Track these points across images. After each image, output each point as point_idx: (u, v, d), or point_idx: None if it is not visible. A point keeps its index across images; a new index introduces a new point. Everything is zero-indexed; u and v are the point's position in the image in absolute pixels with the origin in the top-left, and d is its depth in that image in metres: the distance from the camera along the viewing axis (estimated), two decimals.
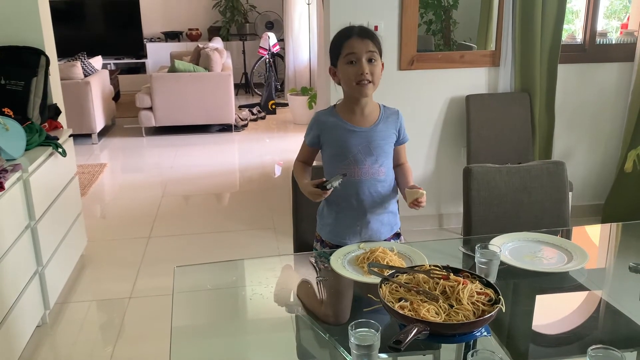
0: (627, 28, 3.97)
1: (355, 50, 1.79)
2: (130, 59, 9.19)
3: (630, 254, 2.06)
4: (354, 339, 1.24)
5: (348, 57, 1.80)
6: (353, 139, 1.87)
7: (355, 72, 1.79)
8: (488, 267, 1.60)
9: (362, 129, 1.88)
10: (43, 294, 2.76)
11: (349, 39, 1.80)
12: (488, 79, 3.63)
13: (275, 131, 6.84)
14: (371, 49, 1.80)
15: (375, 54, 1.81)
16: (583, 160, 3.91)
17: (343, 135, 1.88)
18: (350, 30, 1.82)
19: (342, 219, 1.92)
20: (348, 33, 1.82)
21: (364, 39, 1.79)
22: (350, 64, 1.80)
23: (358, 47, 1.79)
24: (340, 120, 1.90)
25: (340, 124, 1.89)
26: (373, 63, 1.80)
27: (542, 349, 1.50)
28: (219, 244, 3.75)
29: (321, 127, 1.91)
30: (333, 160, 1.91)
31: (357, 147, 1.87)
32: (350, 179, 1.88)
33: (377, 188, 1.90)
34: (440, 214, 3.88)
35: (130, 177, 5.33)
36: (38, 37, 3.21)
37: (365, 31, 1.82)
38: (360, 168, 1.87)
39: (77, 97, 5.92)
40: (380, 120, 1.90)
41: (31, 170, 2.65)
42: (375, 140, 1.88)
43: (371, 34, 1.83)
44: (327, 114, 1.93)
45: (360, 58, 1.79)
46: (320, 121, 1.92)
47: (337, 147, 1.89)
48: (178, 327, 1.52)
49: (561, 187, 2.20)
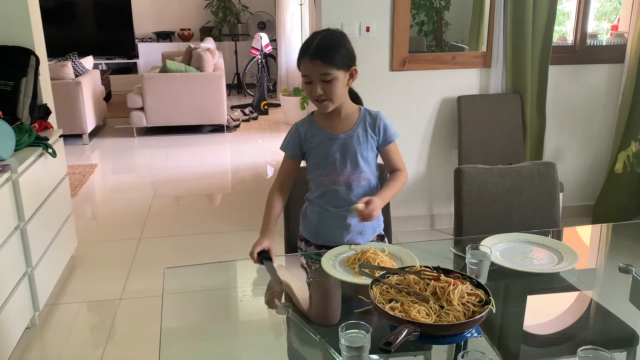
0: (617, 30, 3.99)
1: (308, 73, 1.74)
2: (122, 59, 9.15)
3: (620, 254, 2.07)
4: (344, 340, 1.24)
5: (303, 77, 1.76)
6: (331, 147, 1.86)
7: (310, 92, 1.77)
8: (479, 268, 1.60)
9: (338, 136, 1.86)
10: (32, 296, 2.74)
11: (302, 58, 1.74)
12: (479, 80, 3.64)
13: (268, 132, 6.83)
14: (323, 72, 1.71)
15: (328, 75, 1.72)
16: (574, 161, 3.92)
17: (322, 143, 1.87)
18: (305, 49, 1.74)
19: (324, 221, 1.92)
20: (302, 51, 1.74)
21: (314, 61, 1.71)
22: (306, 83, 1.76)
23: (310, 69, 1.73)
24: (318, 128, 1.88)
25: (319, 132, 1.87)
26: (329, 82, 1.73)
27: (533, 350, 1.50)
28: (210, 245, 3.74)
29: (301, 137, 1.89)
30: (314, 168, 1.90)
31: (335, 154, 1.86)
32: (331, 186, 1.88)
33: (358, 193, 1.88)
34: (432, 215, 3.89)
35: (121, 178, 5.31)
36: (28, 37, 3.19)
37: (317, 52, 1.71)
38: (340, 175, 1.86)
39: (68, 97, 5.88)
40: (358, 125, 1.87)
41: (20, 171, 2.63)
42: (352, 146, 1.86)
43: (323, 53, 1.71)
44: (305, 123, 1.91)
45: (313, 80, 1.74)
46: (300, 131, 1.90)
47: (317, 155, 1.88)
48: (168, 328, 1.51)
49: (552, 188, 2.21)
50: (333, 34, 1.78)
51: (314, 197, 1.94)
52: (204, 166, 5.50)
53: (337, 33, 1.80)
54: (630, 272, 1.73)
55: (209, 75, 6.44)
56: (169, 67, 6.37)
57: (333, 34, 1.79)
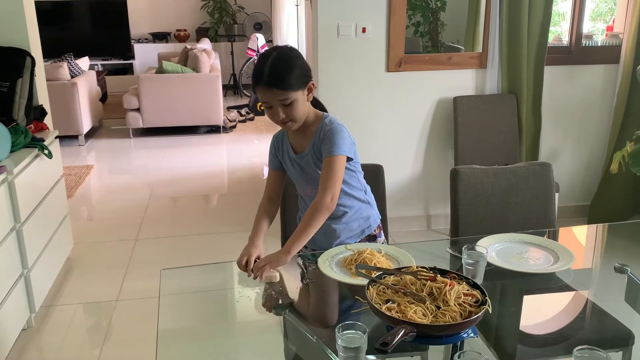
0: (612, 30, 4.01)
1: (266, 100, 1.72)
2: (118, 60, 9.14)
3: (616, 254, 2.07)
4: (341, 341, 1.24)
5: (263, 103, 1.74)
6: (291, 166, 1.89)
7: (272, 116, 1.75)
8: (475, 268, 1.61)
9: (295, 157, 1.87)
10: (28, 297, 2.73)
11: (257, 86, 1.71)
12: (475, 80, 3.65)
13: (264, 132, 6.83)
14: (281, 98, 1.69)
15: (287, 99, 1.69)
16: (569, 162, 3.94)
17: (286, 161, 1.91)
18: (258, 77, 1.69)
19: None
20: (256, 79, 1.70)
21: (270, 89, 1.68)
22: (267, 109, 1.75)
23: (267, 97, 1.71)
24: (286, 142, 1.90)
25: (286, 148, 1.90)
26: (289, 105, 1.71)
27: (529, 350, 1.50)
28: (207, 246, 3.74)
29: (276, 150, 1.92)
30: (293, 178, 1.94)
31: (295, 173, 1.89)
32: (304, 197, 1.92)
33: None
34: (429, 215, 3.90)
35: (118, 179, 5.30)
36: (23, 37, 3.19)
37: (271, 80, 1.67)
38: (309, 190, 1.88)
39: (64, 98, 5.87)
40: (312, 143, 1.82)
41: (16, 172, 2.62)
42: (307, 166, 1.85)
43: (278, 79, 1.67)
44: (278, 136, 1.93)
45: (273, 105, 1.72)
46: (275, 145, 1.93)
47: (287, 171, 1.93)
48: (165, 329, 1.51)
49: (547, 188, 2.22)
50: (281, 56, 1.72)
51: (301, 206, 1.99)
52: (200, 167, 5.49)
53: (285, 53, 1.74)
54: (626, 272, 1.74)
55: (205, 76, 6.44)
56: (165, 68, 6.36)
57: (281, 56, 1.72)
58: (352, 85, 3.51)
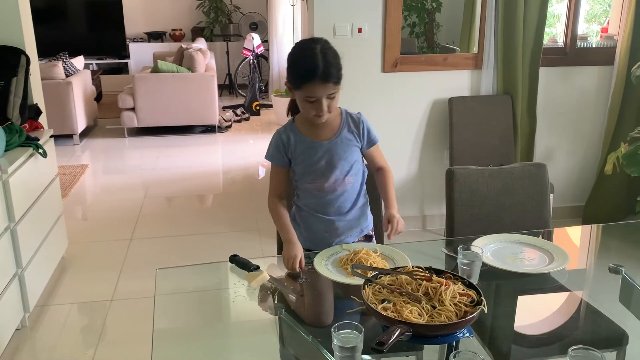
0: (607, 32, 4.02)
1: (315, 95, 1.70)
2: (113, 59, 9.11)
3: (610, 255, 2.08)
4: (337, 341, 1.24)
5: (308, 97, 1.71)
6: (315, 154, 1.85)
7: (313, 110, 1.73)
8: (470, 269, 1.61)
9: (322, 143, 1.85)
10: (22, 297, 2.72)
11: (310, 81, 1.67)
12: (471, 81, 3.65)
13: (259, 132, 6.82)
14: (332, 91, 1.70)
15: (335, 92, 1.71)
16: (564, 163, 3.95)
17: (306, 151, 1.85)
18: (312, 71, 1.66)
19: (312, 226, 1.92)
20: (310, 74, 1.66)
21: (326, 84, 1.68)
22: (309, 102, 1.72)
23: (320, 91, 1.69)
24: (300, 136, 1.86)
25: (301, 140, 1.85)
26: (332, 98, 1.73)
27: (524, 350, 1.51)
28: (202, 246, 3.73)
29: (285, 145, 1.87)
30: (299, 175, 1.89)
31: (320, 162, 1.85)
32: (316, 192, 1.88)
33: (344, 197, 1.89)
34: (424, 215, 3.90)
35: (112, 179, 5.28)
36: (18, 36, 3.17)
37: (328, 73, 1.67)
38: (325, 182, 1.86)
39: (59, 97, 5.85)
40: (341, 130, 1.86)
41: (11, 171, 2.61)
42: (337, 152, 1.85)
43: (334, 73, 1.68)
44: (287, 130, 1.87)
45: (320, 99, 1.71)
46: (282, 140, 1.86)
47: (303, 163, 1.86)
48: (160, 329, 1.51)
49: (542, 188, 2.23)
50: (330, 49, 1.71)
51: (301, 203, 1.95)
52: (196, 167, 5.48)
53: (329, 45, 1.74)
54: (620, 273, 1.74)
55: (201, 75, 6.43)
56: (160, 67, 6.34)
57: (329, 48, 1.72)
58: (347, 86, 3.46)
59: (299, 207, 1.96)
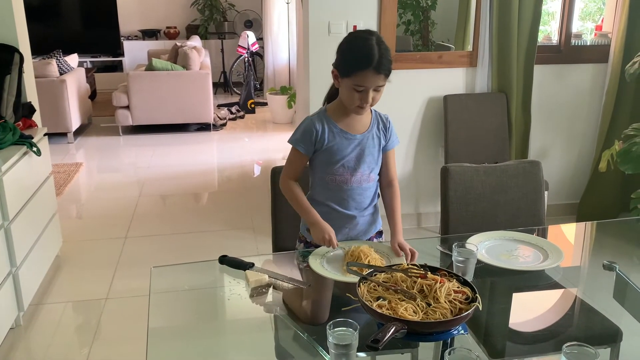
0: (601, 30, 4.03)
1: (365, 84, 1.70)
2: (107, 57, 9.08)
3: (604, 252, 2.09)
4: (332, 339, 1.24)
5: (356, 86, 1.71)
6: (348, 146, 1.83)
7: (359, 99, 1.73)
8: (465, 266, 1.61)
9: (355, 136, 1.84)
10: (17, 296, 2.71)
11: (363, 70, 1.67)
12: (465, 79, 3.66)
13: (255, 130, 6.82)
14: (381, 83, 1.72)
15: (383, 86, 1.73)
16: (558, 160, 3.96)
17: (338, 142, 1.83)
18: (367, 61, 1.67)
19: (332, 222, 1.86)
20: (365, 62, 1.67)
21: (378, 75, 1.68)
22: (356, 91, 1.72)
23: (370, 81, 1.69)
24: (334, 125, 1.83)
25: (334, 130, 1.83)
26: (379, 90, 1.74)
27: (519, 347, 1.51)
28: (197, 244, 3.73)
29: (317, 133, 1.82)
30: (324, 166, 1.86)
31: (351, 154, 1.84)
32: (341, 185, 1.86)
33: (366, 192, 1.90)
34: (419, 213, 3.91)
35: (107, 177, 5.27)
36: (11, 34, 3.16)
37: (382, 65, 1.68)
38: (353, 175, 1.86)
39: (53, 95, 5.83)
40: (373, 126, 1.88)
41: (4, 170, 2.60)
42: (368, 147, 1.86)
43: (386, 65, 1.69)
44: (320, 119, 1.84)
45: (368, 90, 1.71)
46: (316, 127, 1.82)
47: (331, 154, 1.84)
48: (155, 328, 1.51)
49: (537, 186, 2.23)
50: (383, 41, 1.73)
51: (321, 198, 1.90)
52: (190, 165, 5.47)
53: (382, 37, 1.75)
54: (614, 270, 1.75)
55: (195, 73, 6.41)
56: (155, 65, 6.33)
57: (383, 40, 1.73)
58: None
59: (316, 202, 1.90)
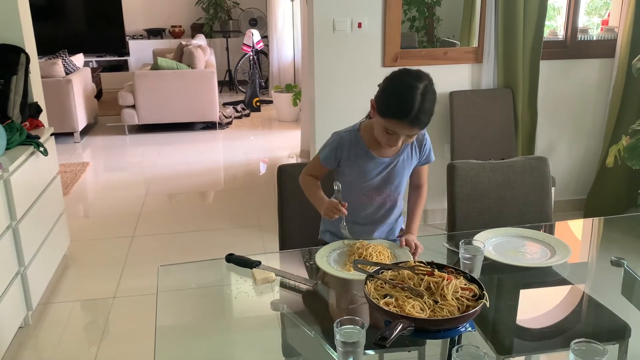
0: (607, 24, 4.01)
1: (397, 131, 1.66)
2: (113, 57, 9.10)
3: (612, 247, 2.08)
4: (339, 336, 1.24)
5: (388, 130, 1.67)
6: (375, 169, 1.83)
7: (388, 140, 1.70)
8: (472, 263, 1.61)
9: (383, 160, 1.83)
10: (25, 295, 2.73)
11: (400, 120, 1.63)
12: (471, 75, 3.65)
13: (260, 129, 6.82)
14: (415, 133, 1.70)
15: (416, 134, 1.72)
16: (565, 156, 3.94)
17: (365, 163, 1.82)
18: (406, 111, 1.61)
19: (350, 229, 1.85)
20: (402, 114, 1.62)
21: (412, 128, 1.65)
22: (388, 134, 1.68)
23: (403, 130, 1.66)
24: (363, 146, 1.81)
25: (363, 151, 1.81)
26: (411, 137, 1.73)
27: (526, 343, 1.51)
28: (204, 243, 3.73)
29: (343, 150, 1.82)
30: (351, 184, 1.84)
31: (378, 176, 1.84)
32: (366, 204, 1.88)
33: (389, 208, 1.92)
34: (425, 210, 3.89)
35: (113, 176, 5.28)
36: (17, 34, 3.17)
37: (418, 120, 1.62)
38: (379, 195, 1.87)
39: (59, 95, 5.85)
40: (404, 148, 1.85)
41: (12, 170, 2.61)
42: (396, 170, 1.85)
43: (424, 121, 1.63)
44: (351, 136, 1.82)
45: (400, 136, 1.68)
46: (344, 144, 1.81)
47: (358, 173, 1.84)
48: (162, 326, 1.51)
49: (544, 182, 2.22)
50: (431, 92, 1.67)
51: None
52: (197, 163, 5.48)
53: (433, 87, 1.69)
54: (622, 265, 1.74)
55: (201, 72, 6.42)
56: (160, 64, 6.34)
57: (431, 91, 1.67)
58: (348, 81, 3.50)
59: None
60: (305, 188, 1.91)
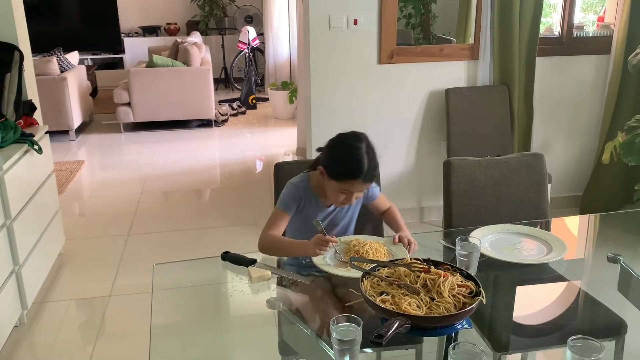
0: (603, 21, 4.01)
1: (352, 190, 1.79)
2: (108, 54, 9.07)
3: (608, 244, 2.08)
4: (335, 334, 1.23)
5: (343, 190, 1.80)
6: (321, 216, 1.92)
7: (344, 200, 1.82)
8: (468, 260, 1.61)
9: (328, 210, 1.95)
10: (20, 294, 2.71)
11: (352, 180, 1.77)
12: (467, 72, 3.64)
13: (256, 126, 6.81)
14: (366, 188, 1.85)
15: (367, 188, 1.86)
16: (561, 152, 3.95)
17: (315, 212, 1.92)
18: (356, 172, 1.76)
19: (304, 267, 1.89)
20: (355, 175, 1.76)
21: (365, 184, 1.80)
22: (342, 193, 1.81)
23: (357, 188, 1.80)
24: (313, 195, 1.92)
25: (315, 200, 1.92)
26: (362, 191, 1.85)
27: (523, 340, 1.51)
28: (200, 241, 3.73)
29: (301, 199, 1.92)
30: (298, 229, 1.95)
31: (324, 221, 1.91)
32: None
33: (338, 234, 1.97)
34: (421, 207, 3.90)
35: (109, 174, 5.26)
36: (11, 32, 3.15)
37: (370, 175, 1.79)
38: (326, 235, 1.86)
39: (54, 93, 5.82)
40: None
41: (6, 168, 2.60)
42: (340, 217, 1.97)
43: (374, 174, 1.81)
44: (305, 187, 1.92)
45: (353, 193, 1.81)
46: (300, 195, 1.91)
47: (305, 220, 1.91)
48: (158, 325, 1.50)
49: (540, 179, 2.22)
50: (372, 148, 1.81)
51: None
52: (192, 161, 5.47)
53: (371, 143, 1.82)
54: (618, 262, 1.74)
55: (196, 69, 6.40)
56: (156, 61, 6.31)
57: (372, 147, 1.81)
58: (344, 78, 3.50)
59: None
60: (275, 244, 1.86)
